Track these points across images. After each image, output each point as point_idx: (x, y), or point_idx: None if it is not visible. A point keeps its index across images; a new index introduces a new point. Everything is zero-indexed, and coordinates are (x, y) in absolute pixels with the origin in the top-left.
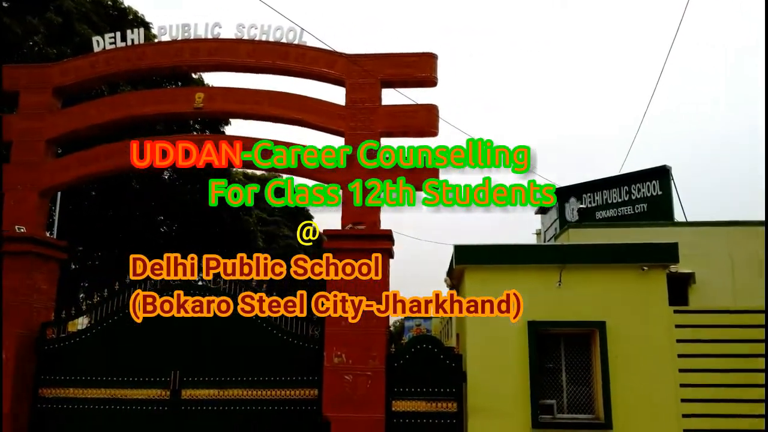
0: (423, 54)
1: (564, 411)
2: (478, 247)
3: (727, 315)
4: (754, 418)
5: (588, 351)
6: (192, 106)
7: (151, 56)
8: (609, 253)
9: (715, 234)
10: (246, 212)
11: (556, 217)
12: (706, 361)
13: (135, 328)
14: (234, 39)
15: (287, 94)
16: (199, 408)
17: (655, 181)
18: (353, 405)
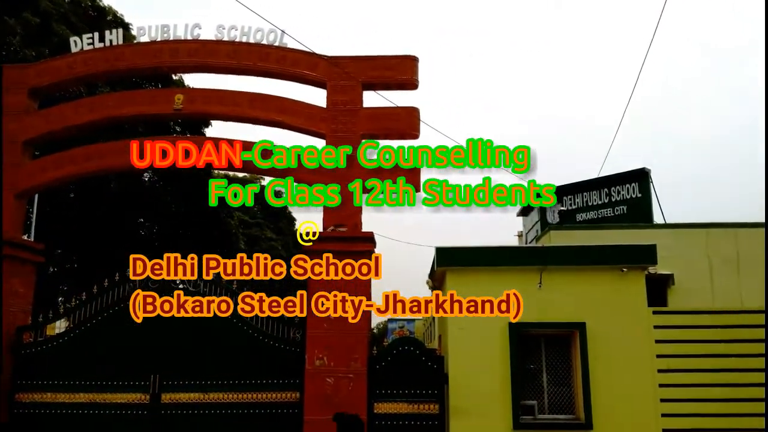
0: (404, 56)
1: (545, 411)
2: (459, 249)
3: (705, 316)
4: (733, 418)
5: (568, 352)
6: (171, 107)
7: (129, 57)
8: (588, 254)
9: (694, 236)
10: (228, 214)
11: (538, 219)
12: (684, 362)
13: (114, 332)
14: (214, 40)
15: (267, 96)
16: (179, 412)
17: (634, 184)
18: (335, 407)
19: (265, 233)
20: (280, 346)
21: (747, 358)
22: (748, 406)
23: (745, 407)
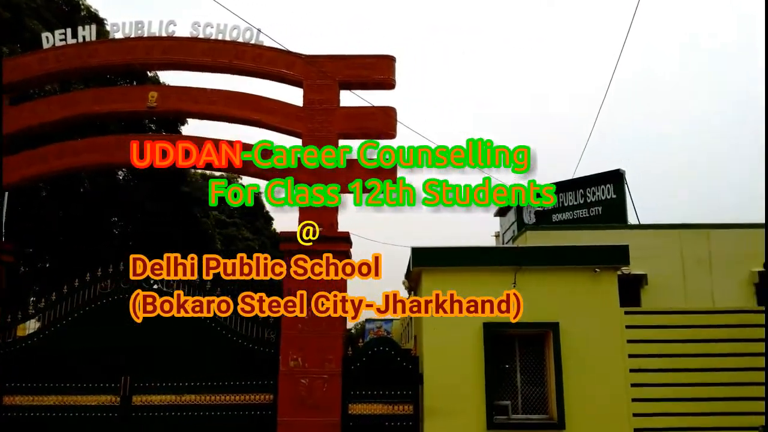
0: (381, 56)
1: (519, 411)
2: (435, 250)
3: (676, 316)
4: (704, 417)
5: (542, 352)
6: (145, 105)
7: (103, 54)
8: (562, 255)
9: (666, 236)
10: (204, 214)
11: (514, 219)
12: (656, 361)
13: (85, 332)
14: (190, 37)
15: (243, 94)
16: (151, 414)
17: (609, 185)
18: (309, 409)
19: (242, 233)
20: (254, 347)
21: (718, 357)
22: (719, 406)
23: (716, 406)
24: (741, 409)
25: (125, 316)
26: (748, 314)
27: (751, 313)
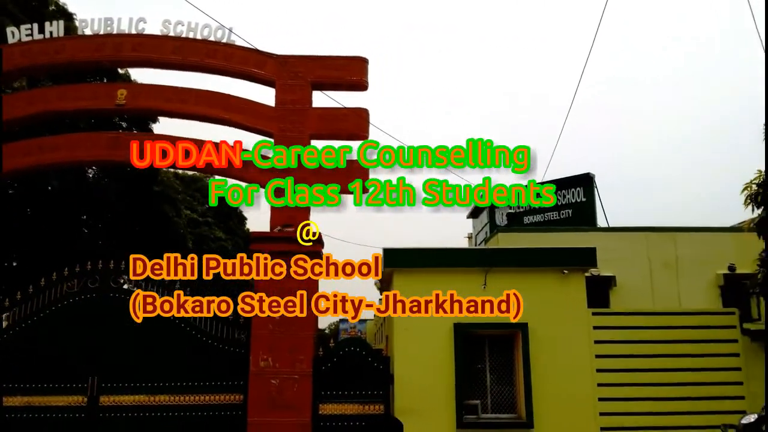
0: (354, 57)
1: (488, 411)
2: (406, 251)
3: (643, 317)
4: (669, 416)
5: (512, 352)
6: (114, 102)
7: (71, 50)
8: (531, 257)
9: (635, 239)
10: (176, 213)
11: (487, 221)
12: (623, 361)
13: (52, 333)
14: (160, 35)
15: (215, 93)
16: (118, 415)
17: (579, 188)
18: (279, 409)
19: (215, 232)
20: (224, 347)
21: (684, 358)
22: (684, 405)
23: (680, 406)
24: (705, 409)
25: (93, 315)
26: (713, 315)
27: (715, 314)
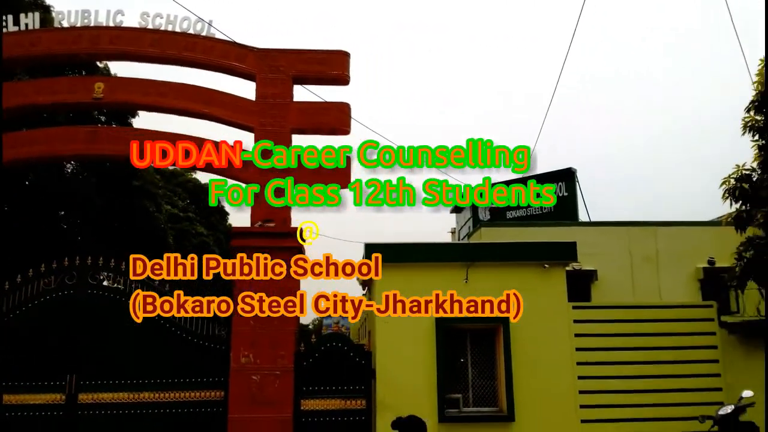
0: (336, 51)
1: (470, 404)
2: (388, 246)
3: (623, 310)
4: (649, 408)
5: (493, 346)
6: (91, 96)
7: (46, 42)
8: (512, 251)
9: (616, 233)
10: (157, 209)
11: (470, 216)
12: (603, 354)
13: (29, 330)
14: (138, 28)
15: (194, 87)
16: (97, 412)
17: (561, 183)
18: (260, 405)
19: (196, 228)
20: (204, 343)
21: (663, 350)
22: (664, 397)
23: (660, 398)
24: (683, 400)
25: (71, 312)
26: (692, 309)
27: (694, 307)
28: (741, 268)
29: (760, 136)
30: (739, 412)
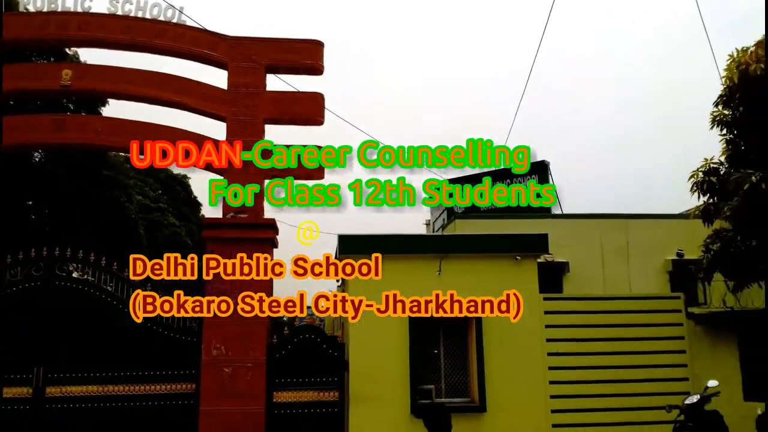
0: (310, 41)
1: (443, 395)
2: (361, 237)
3: (593, 301)
4: (617, 398)
5: (465, 337)
6: (59, 83)
7: (12, 27)
8: (485, 243)
9: (587, 226)
10: (128, 199)
11: (444, 208)
12: (573, 345)
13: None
14: (107, 14)
15: (165, 75)
16: (66, 406)
17: (535, 176)
18: (232, 398)
19: (168, 218)
20: (175, 335)
21: (633, 341)
22: (633, 387)
23: (630, 388)
24: (651, 390)
25: (38, 304)
26: (660, 300)
27: (662, 299)
28: (708, 261)
29: (728, 130)
30: (704, 401)
